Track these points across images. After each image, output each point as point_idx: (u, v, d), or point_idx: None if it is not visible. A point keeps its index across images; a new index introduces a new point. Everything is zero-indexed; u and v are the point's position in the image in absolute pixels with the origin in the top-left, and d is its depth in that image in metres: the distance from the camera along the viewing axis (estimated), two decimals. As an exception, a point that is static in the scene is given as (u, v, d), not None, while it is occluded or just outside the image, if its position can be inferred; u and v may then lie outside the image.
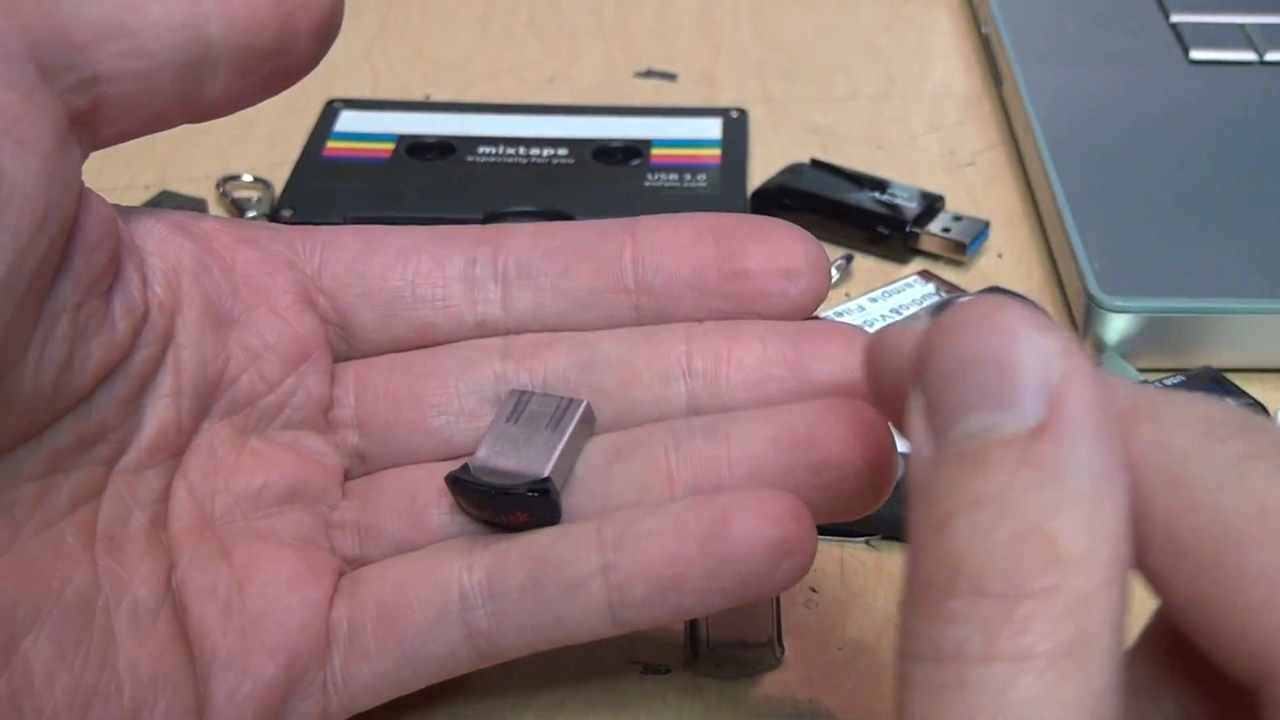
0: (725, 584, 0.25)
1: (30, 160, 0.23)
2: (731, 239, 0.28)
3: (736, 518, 0.25)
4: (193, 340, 0.27)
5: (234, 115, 0.28)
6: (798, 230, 0.29)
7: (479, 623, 0.27)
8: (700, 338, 0.28)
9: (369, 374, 0.29)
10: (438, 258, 0.29)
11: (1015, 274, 0.44)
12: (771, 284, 0.28)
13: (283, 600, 0.27)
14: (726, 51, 0.56)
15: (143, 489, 0.26)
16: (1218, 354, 0.39)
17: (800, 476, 0.26)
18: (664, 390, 0.28)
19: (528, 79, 0.54)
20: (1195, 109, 0.48)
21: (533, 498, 0.27)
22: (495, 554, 0.27)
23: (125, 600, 0.25)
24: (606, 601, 0.26)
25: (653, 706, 0.31)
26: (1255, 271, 0.40)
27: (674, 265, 0.29)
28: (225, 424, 0.28)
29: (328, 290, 0.29)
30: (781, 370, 0.27)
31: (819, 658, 0.32)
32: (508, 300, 0.29)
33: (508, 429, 0.28)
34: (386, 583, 0.27)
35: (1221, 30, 0.52)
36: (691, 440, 0.27)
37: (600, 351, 0.28)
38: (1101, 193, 0.43)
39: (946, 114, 0.52)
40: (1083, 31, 0.53)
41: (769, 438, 0.26)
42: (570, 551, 0.26)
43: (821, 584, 0.34)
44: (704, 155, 0.46)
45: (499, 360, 0.29)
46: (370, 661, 0.27)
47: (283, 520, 0.28)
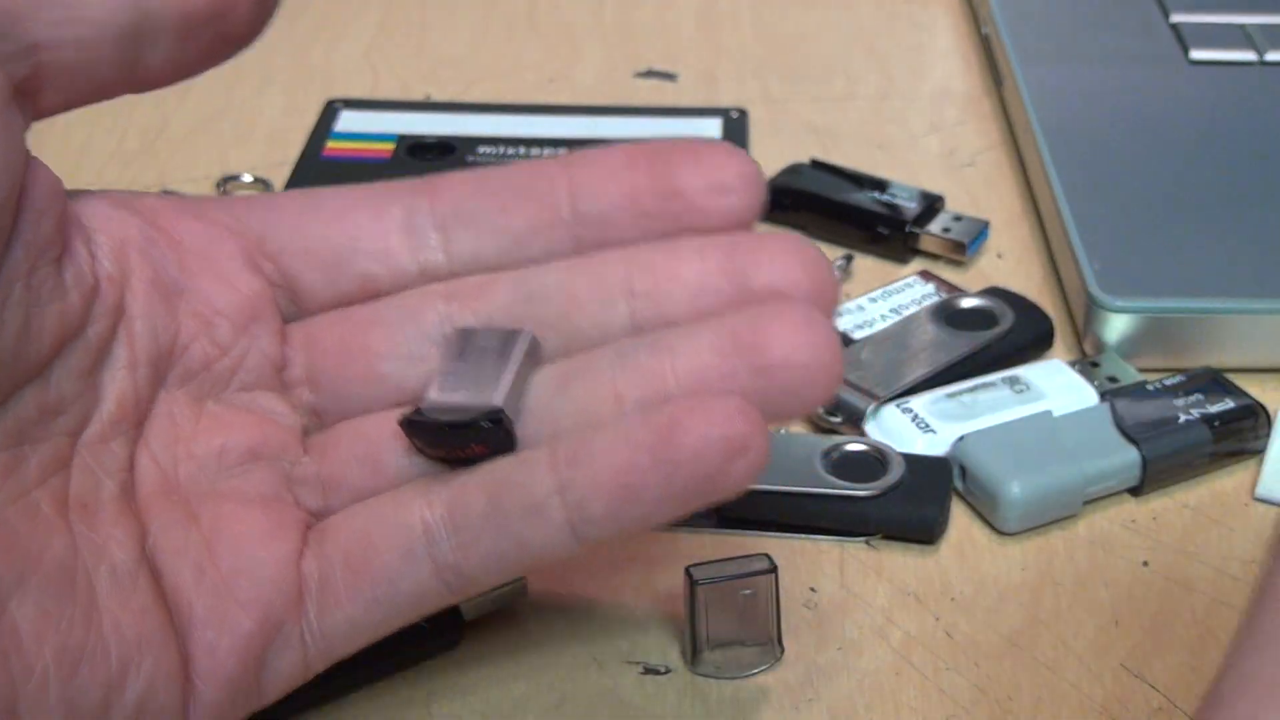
0: (681, 489, 0.26)
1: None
2: (663, 161, 0.29)
3: (685, 422, 0.25)
4: (143, 312, 0.28)
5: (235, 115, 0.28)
6: (728, 146, 0.29)
7: (445, 556, 0.27)
8: (638, 258, 0.28)
9: (316, 331, 0.30)
10: (375, 211, 0.30)
11: (1015, 274, 0.44)
12: (706, 200, 0.28)
13: (253, 556, 0.27)
14: (726, 51, 0.56)
15: (109, 459, 0.27)
16: (1218, 354, 0.39)
17: (746, 380, 0.26)
18: (607, 313, 0.28)
19: (528, 79, 0.54)
20: (1195, 109, 0.48)
21: (487, 428, 0.27)
22: (454, 488, 0.27)
23: (104, 565, 0.26)
24: (567, 520, 0.26)
25: (653, 706, 0.31)
26: (1255, 271, 0.40)
27: (609, 191, 0.29)
28: (182, 392, 0.28)
29: (271, 254, 0.29)
30: (721, 281, 0.28)
31: (819, 658, 0.32)
32: (448, 245, 0.29)
33: (455, 366, 0.28)
34: (352, 530, 0.27)
35: (1221, 30, 0.52)
36: (636, 357, 0.27)
37: (541, 283, 0.29)
38: (1101, 193, 0.43)
39: (946, 114, 0.52)
40: (1083, 31, 0.53)
41: (712, 346, 0.27)
42: (526, 475, 0.27)
43: (821, 584, 0.34)
44: (704, 155, 0.46)
45: (443, 303, 0.29)
46: (343, 607, 0.27)
47: (246, 479, 0.28)
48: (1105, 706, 0.30)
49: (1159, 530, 0.35)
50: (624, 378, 0.27)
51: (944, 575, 0.34)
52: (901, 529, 0.35)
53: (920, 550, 0.34)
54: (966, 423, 0.36)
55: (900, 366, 0.38)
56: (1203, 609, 0.33)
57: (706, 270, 0.28)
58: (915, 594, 0.33)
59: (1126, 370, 0.39)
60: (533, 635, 0.32)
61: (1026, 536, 0.35)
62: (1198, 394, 0.37)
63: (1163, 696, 0.31)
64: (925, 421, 0.37)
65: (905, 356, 0.39)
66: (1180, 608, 0.33)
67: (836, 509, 0.34)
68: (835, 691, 0.31)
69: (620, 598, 0.33)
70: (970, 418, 0.37)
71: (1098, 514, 0.35)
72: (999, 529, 0.35)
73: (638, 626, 0.33)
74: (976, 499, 0.35)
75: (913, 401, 0.37)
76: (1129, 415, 0.36)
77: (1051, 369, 0.38)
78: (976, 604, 0.33)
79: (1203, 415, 0.36)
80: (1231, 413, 0.36)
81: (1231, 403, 0.37)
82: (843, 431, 0.37)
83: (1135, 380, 0.38)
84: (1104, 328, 0.39)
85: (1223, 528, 0.35)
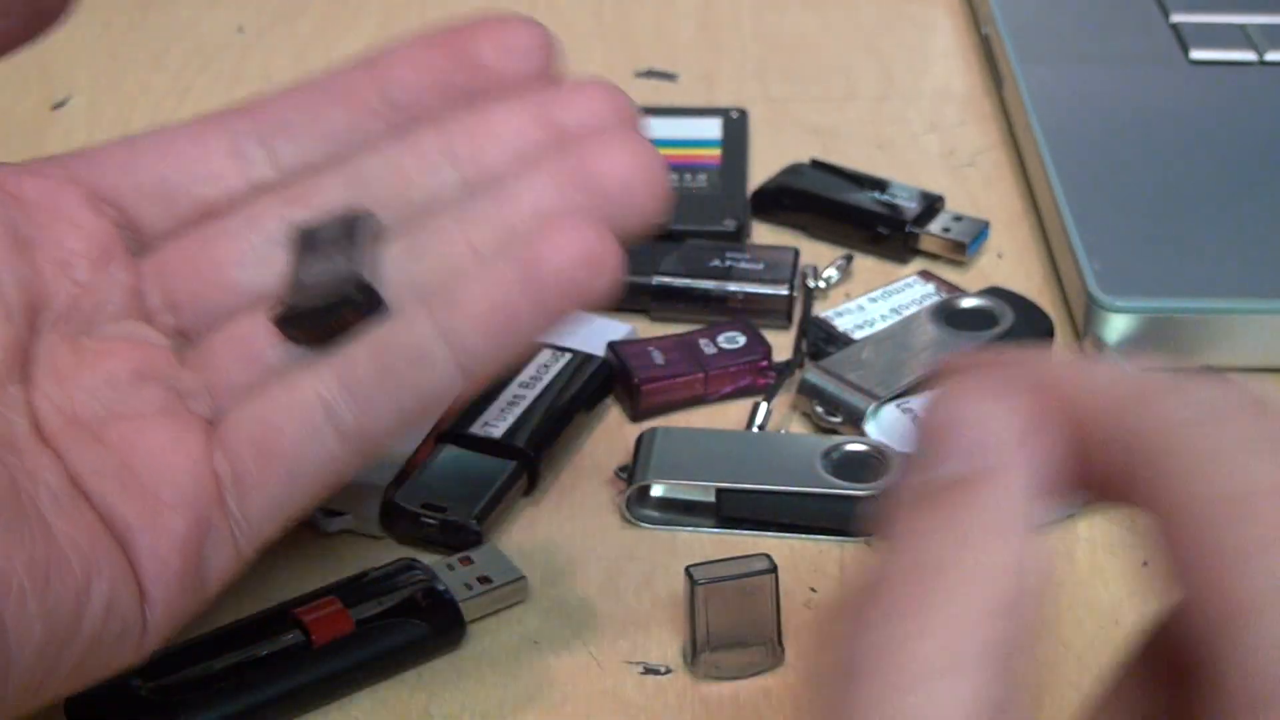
0: (553, 306, 0.28)
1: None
2: (460, 39, 0.31)
3: (544, 249, 0.28)
4: (3, 266, 0.29)
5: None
6: (518, 15, 0.31)
7: (347, 423, 0.28)
8: (453, 125, 0.30)
9: (164, 258, 0.31)
10: (197, 138, 0.31)
11: (1015, 274, 0.44)
12: (506, 65, 0.30)
13: (168, 462, 0.28)
14: (726, 51, 0.56)
15: (10, 401, 0.28)
16: (1218, 354, 0.39)
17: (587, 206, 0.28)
18: (436, 180, 0.30)
19: (528, 79, 0.54)
20: (1195, 109, 0.48)
21: (358, 297, 0.28)
22: (342, 358, 0.28)
23: (42, 489, 0.27)
24: (455, 360, 0.28)
25: (653, 706, 0.31)
26: (1255, 271, 0.40)
27: (415, 77, 0.31)
28: (55, 334, 0.29)
29: (108, 196, 0.31)
30: (534, 129, 0.30)
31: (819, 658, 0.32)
32: (274, 158, 0.31)
33: (306, 258, 0.29)
34: (252, 419, 0.29)
35: (1221, 30, 0.52)
36: (478, 209, 0.29)
37: (368, 167, 0.30)
38: (1101, 193, 0.43)
39: (946, 114, 0.52)
40: (1083, 31, 0.53)
41: (548, 184, 0.29)
42: (407, 330, 0.28)
43: (821, 584, 0.34)
44: (704, 155, 0.46)
45: (282, 206, 0.30)
46: (260, 491, 0.28)
47: (138, 397, 0.29)
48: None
49: (1159, 530, 0.35)
50: (473, 230, 0.29)
51: (944, 575, 0.34)
52: (901, 529, 0.34)
53: (920, 550, 0.34)
54: (966, 423, 0.36)
55: (900, 366, 0.38)
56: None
57: (520, 123, 0.30)
58: (915, 594, 0.33)
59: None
60: (533, 635, 0.32)
61: (1026, 536, 0.35)
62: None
63: (1163, 696, 0.31)
64: (925, 421, 0.36)
65: (905, 356, 0.39)
66: (1180, 608, 0.33)
67: (836, 509, 0.34)
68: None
69: (620, 598, 0.33)
70: (970, 418, 0.36)
71: (1098, 514, 0.35)
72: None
73: (638, 626, 0.33)
74: (976, 499, 0.35)
75: (913, 401, 0.37)
76: (1129, 415, 0.36)
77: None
78: (976, 604, 0.33)
79: (1203, 415, 0.36)
80: (1231, 413, 0.36)
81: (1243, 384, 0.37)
82: (843, 431, 0.37)
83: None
84: (1104, 328, 0.39)
85: (1223, 528, 0.35)
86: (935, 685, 0.18)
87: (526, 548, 0.34)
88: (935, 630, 0.18)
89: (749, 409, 0.38)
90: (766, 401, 0.38)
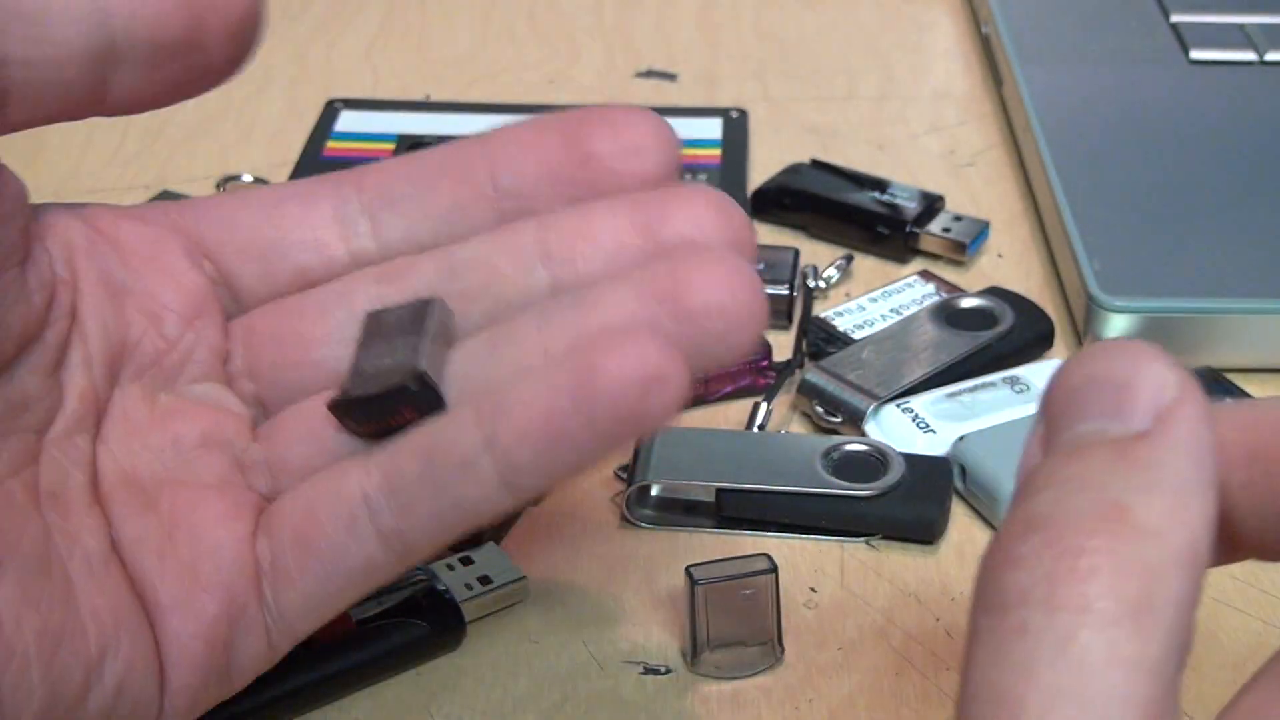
0: (604, 429, 0.26)
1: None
2: (577, 128, 0.29)
3: (602, 364, 0.25)
4: (93, 312, 0.28)
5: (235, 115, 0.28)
6: (640, 110, 0.29)
7: (387, 523, 0.27)
8: (553, 222, 0.29)
9: (253, 323, 0.30)
10: (305, 202, 0.30)
11: (1015, 274, 0.44)
12: (620, 163, 0.29)
13: (212, 539, 0.27)
14: (726, 51, 0.56)
15: (75, 454, 0.27)
16: (1218, 354, 0.39)
17: (670, 328, 0.26)
18: (526, 279, 0.29)
19: (528, 79, 0.54)
20: (1195, 109, 0.48)
21: (413, 390, 0.27)
22: (389, 454, 0.28)
23: (77, 551, 0.26)
24: (497, 472, 0.26)
25: (653, 706, 0.31)
26: (1255, 271, 0.40)
27: (527, 164, 0.29)
28: (135, 387, 0.29)
29: (208, 251, 0.30)
30: (635, 237, 0.28)
31: (819, 658, 0.32)
32: (378, 231, 0.30)
33: (372, 345, 0.28)
34: (297, 507, 0.28)
35: (1221, 30, 0.52)
36: (560, 314, 0.28)
37: (462, 257, 0.29)
38: (1101, 193, 0.43)
39: (946, 114, 0.52)
40: (1083, 31, 0.53)
41: (633, 296, 0.27)
42: (454, 432, 0.27)
43: (821, 584, 0.34)
44: (704, 155, 0.46)
45: (374, 285, 0.30)
46: (295, 585, 0.28)
47: (200, 464, 0.28)
48: (1105, 706, 0.30)
49: (1159, 530, 0.35)
50: (550, 334, 0.28)
51: (944, 575, 0.34)
52: (901, 529, 0.35)
53: (920, 550, 0.34)
54: (966, 423, 0.36)
55: (900, 366, 0.38)
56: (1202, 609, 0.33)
57: (619, 227, 0.28)
58: (915, 594, 0.33)
59: (1126, 370, 0.39)
60: (533, 635, 0.32)
61: (1026, 536, 0.35)
62: None
63: (1163, 696, 0.31)
64: (925, 421, 0.37)
65: (905, 356, 0.39)
66: (1180, 608, 0.33)
67: (836, 509, 0.34)
68: (835, 691, 0.31)
69: (620, 598, 0.33)
70: (970, 418, 0.37)
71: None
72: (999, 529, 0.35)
73: (638, 626, 0.33)
74: (976, 499, 0.35)
75: (913, 401, 0.37)
76: (1129, 415, 0.36)
77: (1051, 369, 0.38)
78: (976, 604, 0.33)
79: (1203, 415, 0.36)
80: (1231, 413, 0.36)
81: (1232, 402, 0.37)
82: (843, 431, 0.37)
83: (1135, 380, 0.38)
84: (1104, 328, 0.39)
85: (1223, 528, 0.35)
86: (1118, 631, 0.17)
87: (526, 548, 0.34)
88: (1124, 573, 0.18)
89: (749, 409, 0.38)
90: (766, 401, 0.38)
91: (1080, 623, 0.17)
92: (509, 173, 0.30)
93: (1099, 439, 0.19)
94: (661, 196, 0.28)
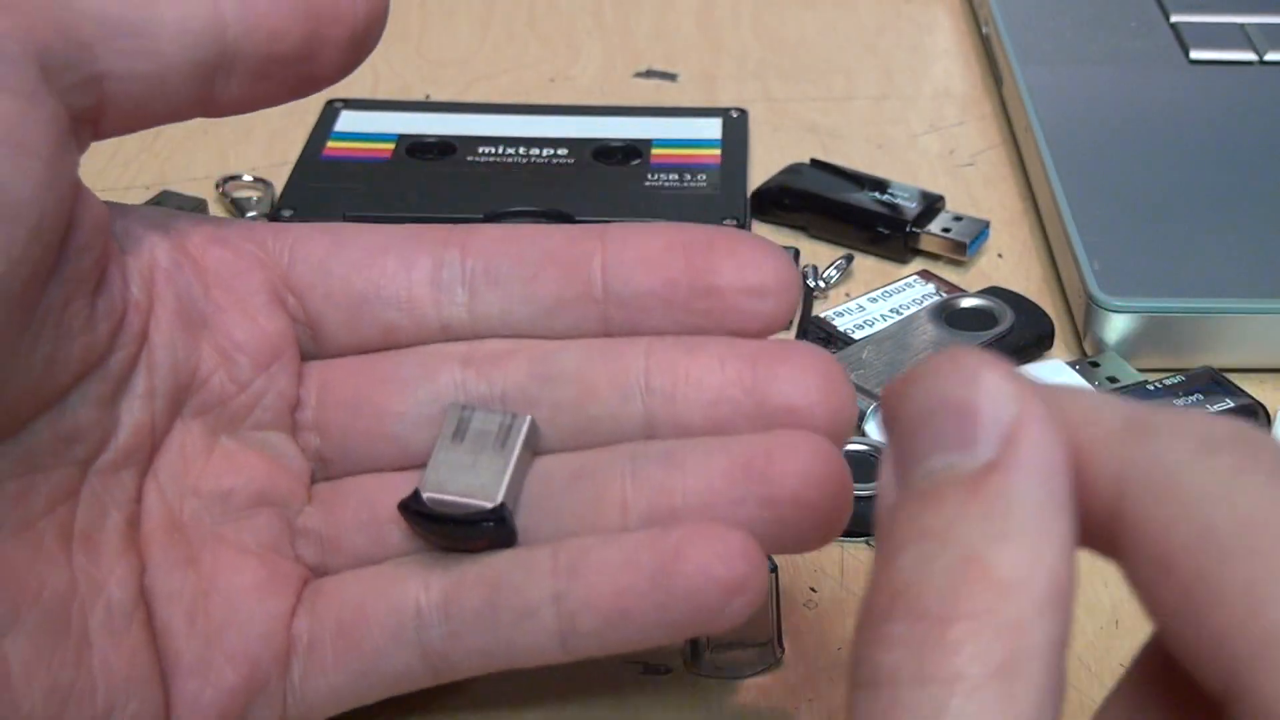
0: (674, 618, 0.26)
1: (30, 166, 0.23)
2: (703, 252, 0.28)
3: (688, 555, 0.25)
4: (165, 341, 0.27)
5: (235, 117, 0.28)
6: (770, 245, 0.28)
7: (434, 642, 0.27)
8: (660, 353, 0.28)
9: (331, 377, 0.29)
10: (405, 258, 0.29)
11: (1015, 274, 0.44)
12: (740, 301, 0.28)
13: (246, 609, 0.27)
14: (726, 51, 0.56)
15: (118, 489, 0.27)
16: (1218, 354, 0.39)
17: (752, 510, 0.26)
18: (621, 407, 0.28)
19: (528, 79, 0.54)
20: (1195, 109, 0.48)
21: (488, 527, 0.27)
22: (452, 575, 0.27)
23: (100, 602, 0.25)
24: (558, 630, 0.26)
25: (653, 706, 0.31)
26: (1255, 271, 0.40)
27: (643, 276, 0.28)
28: (197, 423, 0.28)
29: (296, 289, 0.29)
30: (739, 392, 0.27)
31: (819, 658, 0.32)
32: (474, 304, 0.29)
33: (454, 449, 0.28)
34: (347, 597, 0.27)
35: (1221, 30, 0.52)
36: (648, 467, 0.27)
37: (560, 364, 0.28)
38: (1101, 193, 0.43)
39: (946, 114, 0.52)
40: (1083, 31, 0.53)
41: (723, 469, 0.26)
42: (525, 578, 0.26)
43: (821, 584, 0.34)
44: (704, 155, 0.46)
45: (460, 368, 0.29)
46: (328, 675, 0.27)
47: (249, 525, 0.28)
48: (1105, 706, 0.30)
49: (1159, 530, 0.35)
50: (633, 487, 0.27)
51: (944, 575, 0.34)
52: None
53: (920, 550, 0.34)
54: (966, 423, 0.36)
55: (900, 366, 0.38)
56: (1203, 609, 0.33)
57: (726, 380, 0.27)
58: (915, 594, 0.33)
59: (1126, 370, 0.39)
60: (533, 635, 0.32)
61: (1026, 536, 0.35)
62: (1197, 394, 0.37)
63: (1163, 696, 0.31)
64: (925, 421, 0.36)
65: (905, 356, 0.39)
66: (1180, 608, 0.33)
67: (836, 509, 0.34)
68: (835, 692, 0.31)
69: (620, 598, 0.33)
70: (970, 418, 0.37)
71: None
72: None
73: (638, 626, 0.33)
74: (976, 499, 0.35)
75: (913, 401, 0.37)
76: (1129, 415, 0.36)
77: (1051, 369, 0.38)
78: (976, 604, 0.33)
79: (1203, 415, 0.36)
80: (1231, 412, 0.37)
81: (1231, 403, 0.37)
82: (843, 431, 0.37)
83: (1135, 380, 0.38)
84: (1104, 328, 0.39)
85: (1223, 528, 0.35)
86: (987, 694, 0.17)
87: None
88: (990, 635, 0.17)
89: (749, 409, 0.38)
90: (766, 401, 0.38)
91: (950, 692, 0.17)
92: (622, 280, 0.28)
93: (949, 478, 0.19)
94: (772, 355, 0.27)
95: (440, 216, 0.43)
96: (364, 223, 0.30)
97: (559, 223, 0.43)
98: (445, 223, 0.30)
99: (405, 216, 0.43)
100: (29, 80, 0.23)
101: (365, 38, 0.27)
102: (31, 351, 0.24)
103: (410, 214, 0.43)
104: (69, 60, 0.24)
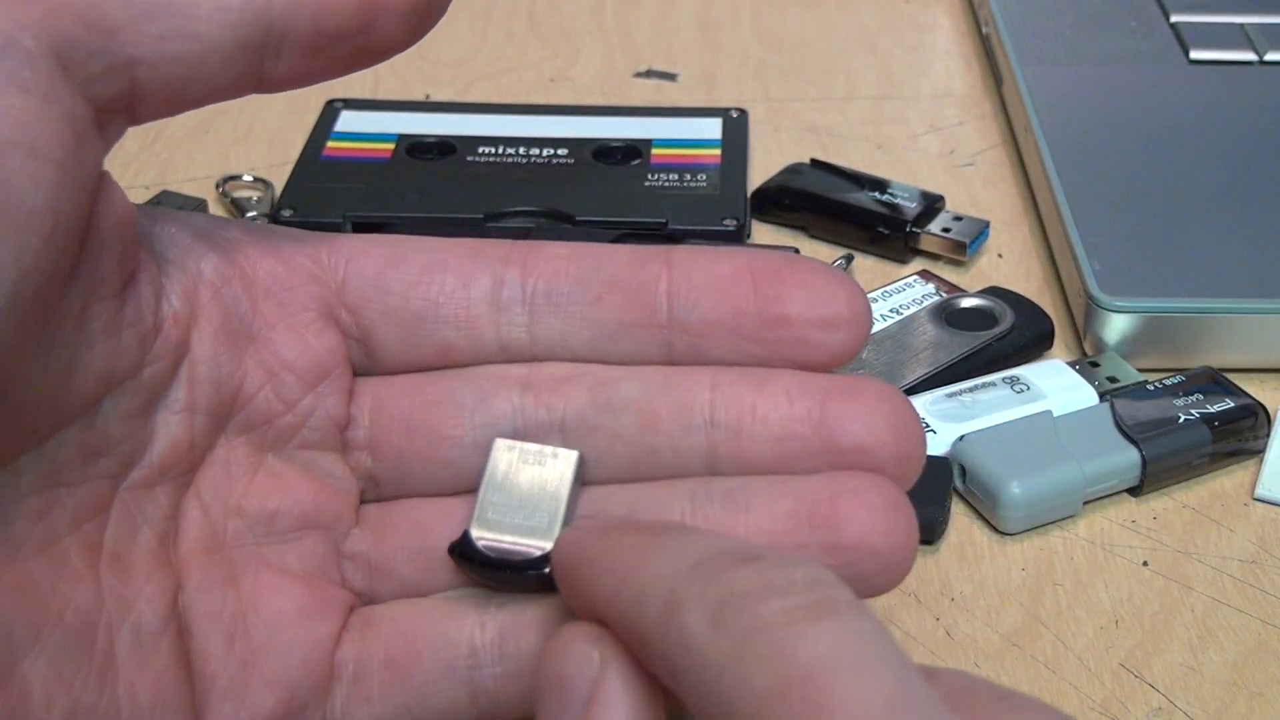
0: None
1: (43, 170, 0.22)
2: (772, 281, 0.27)
3: None
4: (208, 355, 0.26)
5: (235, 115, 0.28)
6: (841, 275, 0.27)
7: (485, 682, 0.26)
8: (725, 386, 0.27)
9: (386, 396, 0.28)
10: (464, 276, 0.28)
11: (1015, 274, 0.44)
12: (810, 333, 0.27)
13: (287, 634, 0.26)
14: (726, 51, 0.56)
15: (152, 506, 0.26)
16: (1218, 354, 0.39)
17: (816, 556, 0.25)
18: (683, 439, 0.27)
19: (528, 79, 0.54)
20: (1195, 109, 0.48)
21: (543, 574, 0.26)
22: (510, 615, 0.26)
23: (128, 622, 0.25)
24: None
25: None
26: (1255, 271, 0.40)
27: (710, 304, 0.27)
28: (242, 440, 0.27)
29: (350, 305, 0.28)
30: (805, 429, 0.26)
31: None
32: (534, 326, 0.28)
33: (505, 486, 0.27)
34: (397, 628, 0.27)
35: (1221, 30, 0.52)
36: (709, 507, 0.26)
37: (621, 393, 0.27)
38: (1101, 193, 0.43)
39: (946, 114, 0.52)
40: (1083, 31, 0.53)
41: (787, 512, 0.25)
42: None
43: (821, 584, 0.34)
44: (704, 155, 0.46)
45: (518, 393, 0.28)
46: (372, 705, 0.26)
47: (294, 549, 0.27)
48: (1105, 706, 0.30)
49: (1159, 530, 0.35)
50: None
51: (944, 575, 0.34)
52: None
53: (920, 550, 0.34)
54: (966, 423, 0.36)
55: (900, 366, 0.38)
56: (1202, 609, 0.33)
57: (794, 416, 0.26)
58: (915, 594, 0.33)
59: (1126, 370, 0.39)
60: (533, 635, 0.32)
61: (1026, 537, 0.35)
62: (1197, 394, 0.37)
63: (1162, 696, 0.31)
64: (925, 421, 0.37)
65: (905, 356, 0.39)
66: (1180, 608, 0.33)
67: (836, 509, 0.34)
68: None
69: (620, 598, 0.33)
70: (970, 418, 0.37)
71: (1098, 514, 0.35)
72: (999, 529, 0.35)
73: (638, 626, 0.32)
74: (977, 499, 0.35)
75: (913, 401, 0.37)
76: (1129, 415, 0.36)
77: (1051, 369, 0.38)
78: (976, 604, 0.33)
79: (1202, 415, 0.36)
80: (1231, 412, 0.37)
81: (1231, 402, 0.37)
82: (843, 431, 0.37)
83: (1135, 380, 0.38)
84: (1104, 328, 0.39)
85: (1222, 528, 0.35)
86: None
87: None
88: None
89: (749, 409, 0.38)
90: (766, 401, 0.38)
91: None
92: (688, 308, 0.27)
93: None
94: (843, 392, 0.26)
95: (440, 216, 0.43)
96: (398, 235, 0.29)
97: (558, 223, 0.43)
98: (445, 223, 0.30)
99: (405, 216, 0.43)
100: (44, 76, 0.23)
101: (430, 4, 0.26)
102: (48, 356, 0.23)
103: (410, 214, 0.43)
104: (93, 49, 0.23)
